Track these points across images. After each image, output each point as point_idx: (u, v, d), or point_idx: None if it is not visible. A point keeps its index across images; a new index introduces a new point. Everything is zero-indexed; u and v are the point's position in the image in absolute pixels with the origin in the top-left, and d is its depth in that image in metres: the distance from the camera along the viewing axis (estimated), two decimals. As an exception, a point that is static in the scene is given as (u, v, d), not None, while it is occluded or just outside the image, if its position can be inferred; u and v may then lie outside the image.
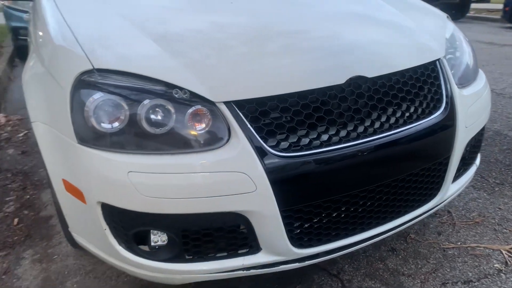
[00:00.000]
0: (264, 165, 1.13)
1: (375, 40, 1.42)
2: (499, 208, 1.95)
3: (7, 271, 1.70)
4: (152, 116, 1.14)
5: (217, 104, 1.15)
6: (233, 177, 1.12)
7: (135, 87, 1.16)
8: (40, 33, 1.56)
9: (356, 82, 1.27)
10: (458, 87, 1.49)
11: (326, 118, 1.22)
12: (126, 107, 1.14)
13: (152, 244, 1.23)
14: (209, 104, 1.15)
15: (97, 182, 1.16)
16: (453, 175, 1.53)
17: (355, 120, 1.26)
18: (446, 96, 1.43)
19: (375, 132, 1.27)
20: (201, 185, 1.11)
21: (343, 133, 1.24)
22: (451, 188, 1.56)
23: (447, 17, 1.79)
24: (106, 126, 1.14)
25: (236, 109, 1.15)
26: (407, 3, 1.87)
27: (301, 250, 1.27)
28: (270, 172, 1.14)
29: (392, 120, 1.31)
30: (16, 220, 2.05)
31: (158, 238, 1.23)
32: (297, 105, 1.19)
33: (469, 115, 1.47)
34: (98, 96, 1.15)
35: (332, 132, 1.23)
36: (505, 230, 1.80)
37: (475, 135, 1.57)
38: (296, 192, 1.20)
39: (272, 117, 1.18)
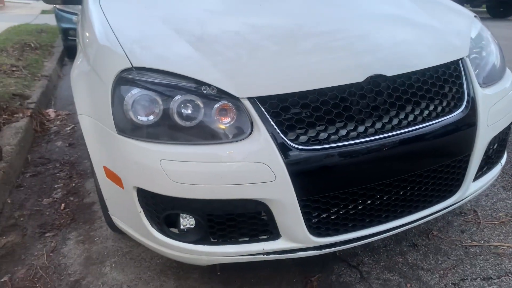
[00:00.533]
0: (283, 157, 1.22)
1: (397, 40, 1.47)
2: (528, 209, 1.93)
3: (54, 250, 1.88)
4: (183, 110, 1.26)
5: (241, 100, 1.25)
6: (254, 167, 1.21)
7: (168, 84, 1.28)
8: (87, 34, 1.71)
9: (376, 80, 1.33)
10: (482, 86, 1.51)
11: (344, 114, 1.29)
12: (160, 102, 1.26)
13: (182, 227, 1.35)
14: (234, 99, 1.25)
15: (133, 169, 1.29)
16: (475, 173, 1.55)
17: (373, 116, 1.32)
18: (468, 95, 1.46)
19: (392, 129, 1.33)
20: (224, 173, 1.22)
21: (361, 128, 1.30)
22: (473, 186, 1.58)
23: (475, 16, 1.80)
24: (142, 118, 1.26)
25: (259, 104, 1.24)
26: (434, 2, 1.89)
27: (318, 238, 1.35)
28: (289, 163, 1.22)
29: (411, 117, 1.36)
30: (63, 205, 2.25)
31: (187, 222, 1.35)
32: (316, 101, 1.27)
33: (492, 114, 1.49)
34: (135, 91, 1.28)
35: (350, 127, 1.30)
36: (531, 230, 1.79)
37: (499, 134, 1.58)
38: (314, 183, 1.28)
39: (292, 112, 1.26)
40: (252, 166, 1.22)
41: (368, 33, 1.48)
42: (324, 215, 1.34)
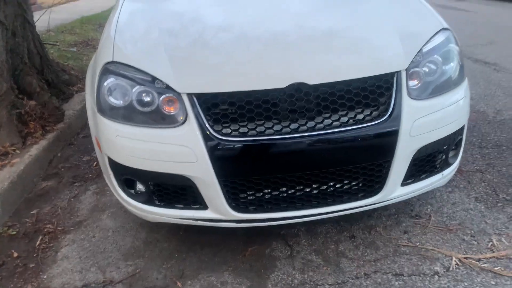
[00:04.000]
0: (205, 144, 1.52)
1: (327, 51, 1.65)
2: (485, 222, 1.96)
3: (75, 196, 2.42)
4: (140, 98, 1.61)
5: (181, 95, 1.56)
6: (181, 149, 1.54)
7: (133, 77, 1.64)
8: (105, 28, 2.14)
9: (299, 87, 1.54)
10: (415, 99, 1.61)
11: (264, 114, 1.53)
12: (125, 89, 1.63)
13: (137, 189, 1.74)
14: (176, 94, 1.57)
15: (104, 140, 1.69)
16: (402, 178, 1.67)
17: (291, 118, 1.54)
18: (394, 106, 1.58)
19: (308, 130, 1.54)
20: (160, 152, 1.56)
21: (277, 127, 1.54)
22: (401, 190, 1.71)
23: (446, 28, 1.83)
24: (111, 101, 1.65)
25: (195, 99, 1.55)
26: (399, 13, 1.95)
27: (238, 213, 1.63)
28: (210, 149, 1.52)
29: (327, 122, 1.55)
30: (95, 163, 2.79)
31: (141, 186, 1.73)
32: (242, 101, 1.53)
33: (418, 125, 1.59)
34: (110, 80, 1.66)
35: (268, 126, 1.54)
36: (474, 241, 1.84)
37: (433, 145, 1.67)
38: (230, 168, 1.56)
39: (221, 108, 1.55)
40: (180, 148, 1.54)
41: (301, 43, 1.67)
42: (242, 195, 1.62)
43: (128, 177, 1.71)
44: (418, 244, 1.85)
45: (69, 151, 3.01)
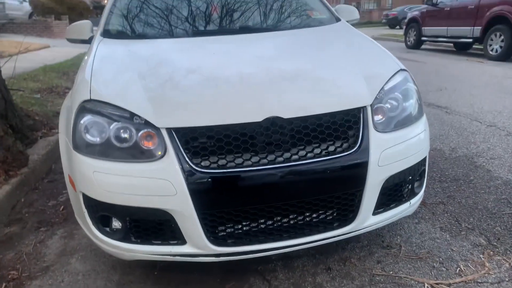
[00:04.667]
0: (185, 177, 1.55)
1: (300, 88, 1.77)
2: (452, 250, 2.05)
3: (41, 241, 2.32)
4: (118, 135, 1.63)
5: (160, 129, 1.60)
6: (160, 182, 1.55)
7: (112, 114, 1.67)
8: (80, 70, 2.18)
9: (274, 121, 1.62)
10: (380, 131, 1.74)
11: (242, 146, 1.59)
12: (102, 127, 1.65)
13: (113, 226, 1.71)
14: (155, 129, 1.61)
15: (79, 177, 1.68)
16: (373, 207, 1.76)
17: (268, 150, 1.61)
18: (362, 138, 1.69)
19: (284, 162, 1.61)
20: (138, 186, 1.57)
21: (255, 159, 1.60)
22: (372, 219, 1.78)
23: (403, 69, 2.02)
24: (88, 138, 1.66)
25: (174, 133, 1.59)
26: (361, 53, 2.15)
27: (216, 247, 1.64)
28: (189, 182, 1.55)
29: (302, 153, 1.63)
30: (62, 207, 2.71)
31: (117, 223, 1.70)
32: (220, 134, 1.59)
33: (385, 156, 1.70)
34: (87, 117, 1.68)
35: (246, 158, 1.60)
36: (443, 268, 1.92)
37: (400, 175, 1.78)
38: (210, 200, 1.59)
39: (200, 141, 1.59)
40: (159, 182, 1.56)
41: (271, 82, 1.79)
42: (220, 228, 1.64)
43: (104, 213, 1.69)
44: (391, 272, 1.90)
45: (34, 196, 2.90)
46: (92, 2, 24.71)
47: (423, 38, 12.11)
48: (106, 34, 2.50)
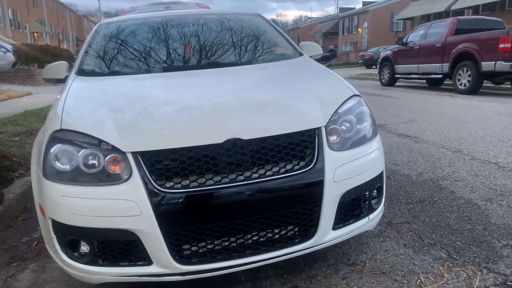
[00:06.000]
0: (149, 197, 1.63)
1: (258, 111, 1.90)
2: (414, 264, 2.13)
3: (12, 276, 2.32)
4: (87, 162, 1.72)
5: (126, 153, 1.70)
6: (126, 203, 1.63)
7: (80, 141, 1.76)
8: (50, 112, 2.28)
9: (235, 142, 1.73)
10: (334, 150, 1.86)
11: (204, 167, 1.69)
12: (71, 155, 1.74)
13: (81, 250, 1.76)
14: (121, 153, 1.70)
15: (48, 203, 1.74)
16: (332, 222, 1.85)
17: (230, 170, 1.71)
18: (317, 156, 1.81)
19: (245, 180, 1.71)
20: (103, 208, 1.64)
21: (216, 179, 1.70)
22: (332, 234, 1.87)
23: (355, 95, 2.18)
24: (57, 166, 1.74)
25: (139, 157, 1.69)
26: (317, 80, 2.34)
27: (182, 266, 1.69)
28: (153, 202, 1.63)
29: (261, 171, 1.74)
30: (35, 243, 2.72)
31: (85, 247, 1.75)
32: (182, 156, 1.69)
33: (339, 173, 1.82)
34: (57, 146, 1.77)
35: (208, 177, 1.69)
36: (405, 280, 1.99)
37: (355, 191, 1.89)
38: (173, 219, 1.66)
39: (163, 164, 1.69)
40: (125, 203, 1.63)
41: (238, 109, 1.92)
42: (185, 246, 1.70)
43: (72, 237, 1.74)
44: (355, 287, 1.96)
45: (7, 233, 2.90)
46: (77, 50, 25.24)
47: (397, 76, 12.67)
48: (81, 72, 2.63)
